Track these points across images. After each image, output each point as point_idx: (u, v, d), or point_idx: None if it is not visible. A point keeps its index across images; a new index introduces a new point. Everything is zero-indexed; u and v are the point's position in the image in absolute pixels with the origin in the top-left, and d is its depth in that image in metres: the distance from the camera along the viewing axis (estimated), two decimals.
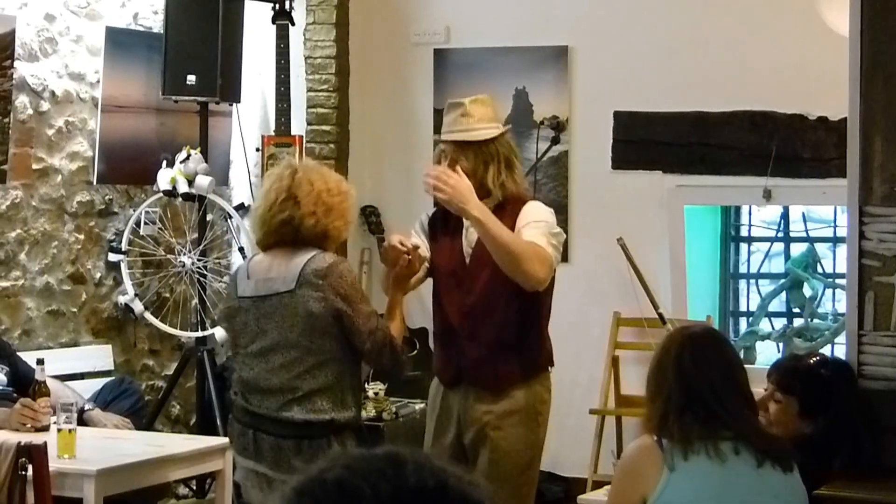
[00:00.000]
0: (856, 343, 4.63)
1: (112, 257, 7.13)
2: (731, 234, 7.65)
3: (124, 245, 7.12)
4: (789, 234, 7.65)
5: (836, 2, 5.90)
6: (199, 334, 7.19)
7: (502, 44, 7.50)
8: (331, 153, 7.69)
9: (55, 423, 5.09)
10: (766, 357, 7.18)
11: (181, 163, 7.11)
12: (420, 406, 6.76)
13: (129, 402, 6.26)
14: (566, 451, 7.17)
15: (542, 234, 4.52)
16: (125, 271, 7.12)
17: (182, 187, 7.07)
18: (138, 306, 7.13)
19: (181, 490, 7.10)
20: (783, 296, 7.54)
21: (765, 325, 7.51)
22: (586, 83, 7.36)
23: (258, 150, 7.51)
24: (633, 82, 7.23)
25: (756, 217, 7.66)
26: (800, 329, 7.36)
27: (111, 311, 7.18)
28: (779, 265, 7.64)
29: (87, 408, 5.83)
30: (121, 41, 7.14)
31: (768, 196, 6.91)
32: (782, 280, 7.52)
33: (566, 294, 7.22)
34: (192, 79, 7.10)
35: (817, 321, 7.36)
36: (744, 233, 7.72)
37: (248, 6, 7.39)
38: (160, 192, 7.15)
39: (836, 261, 7.37)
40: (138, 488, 5.22)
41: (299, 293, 4.35)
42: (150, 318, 7.20)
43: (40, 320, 6.79)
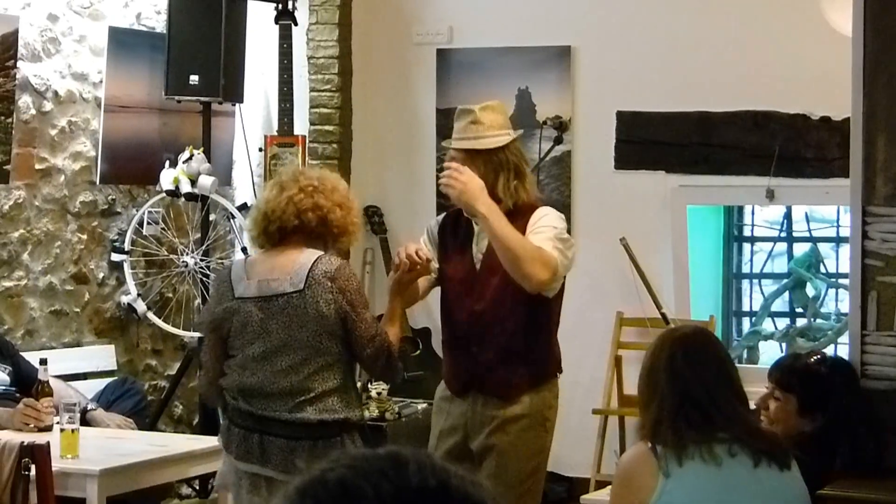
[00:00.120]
0: (859, 343, 4.62)
1: (115, 257, 7.14)
2: (734, 234, 7.65)
3: (127, 245, 7.13)
4: (792, 233, 7.64)
5: (839, 1, 5.90)
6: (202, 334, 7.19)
7: (505, 44, 7.50)
8: (333, 153, 7.69)
9: (58, 423, 5.09)
10: (769, 357, 7.16)
11: (184, 163, 7.11)
12: (423, 406, 6.75)
13: (132, 402, 6.26)
14: (569, 451, 7.15)
15: (548, 238, 4.51)
16: (128, 271, 7.13)
17: (185, 187, 7.07)
18: (141, 306, 7.13)
19: (184, 490, 7.10)
20: (786, 296, 7.54)
21: (768, 325, 7.51)
22: (589, 83, 7.35)
23: (261, 150, 7.52)
24: (635, 82, 7.23)
25: (759, 217, 7.66)
26: (803, 329, 7.35)
27: (114, 311, 7.18)
28: (782, 265, 7.64)
29: (89, 408, 5.83)
30: (124, 41, 7.14)
31: (771, 196, 6.91)
32: (785, 280, 7.52)
33: (569, 294, 7.19)
34: (195, 79, 7.10)
35: (820, 321, 7.35)
36: (747, 233, 7.72)
37: (251, 6, 7.39)
38: (163, 192, 7.15)
39: (839, 261, 7.37)
40: (141, 488, 5.22)
41: (309, 293, 4.33)
42: (153, 318, 7.20)
43: (43, 320, 6.79)
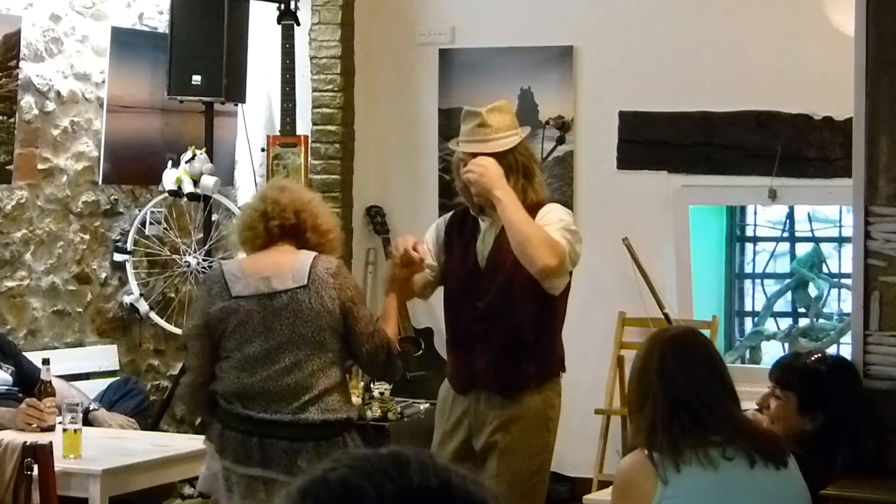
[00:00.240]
0: (861, 343, 4.62)
1: (117, 257, 7.14)
2: (736, 234, 7.64)
3: (129, 245, 7.13)
4: (795, 233, 7.64)
5: (842, 1, 5.90)
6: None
7: (507, 44, 7.49)
8: (336, 153, 7.69)
9: (61, 423, 5.10)
10: (772, 357, 7.13)
11: (186, 163, 7.11)
12: (425, 406, 6.75)
13: (135, 402, 6.26)
14: (571, 451, 7.15)
15: (556, 229, 4.52)
16: (130, 271, 7.13)
17: (187, 187, 7.08)
18: (143, 306, 7.14)
19: (186, 490, 7.09)
20: (789, 296, 7.54)
21: (770, 325, 7.50)
22: (591, 83, 7.35)
23: (263, 150, 7.52)
24: (638, 82, 7.23)
25: (761, 217, 7.65)
26: (805, 329, 7.35)
27: (116, 311, 7.18)
28: (784, 265, 7.63)
29: (92, 408, 5.83)
30: (126, 41, 7.14)
31: (773, 196, 6.91)
32: (788, 280, 7.52)
33: (571, 294, 7.19)
34: (197, 79, 7.11)
35: (823, 321, 7.35)
36: (749, 233, 7.72)
37: (254, 6, 7.40)
38: (165, 192, 7.16)
39: (842, 261, 7.37)
40: (143, 488, 5.22)
41: (313, 289, 4.34)
42: (156, 317, 7.20)
43: (46, 320, 6.79)
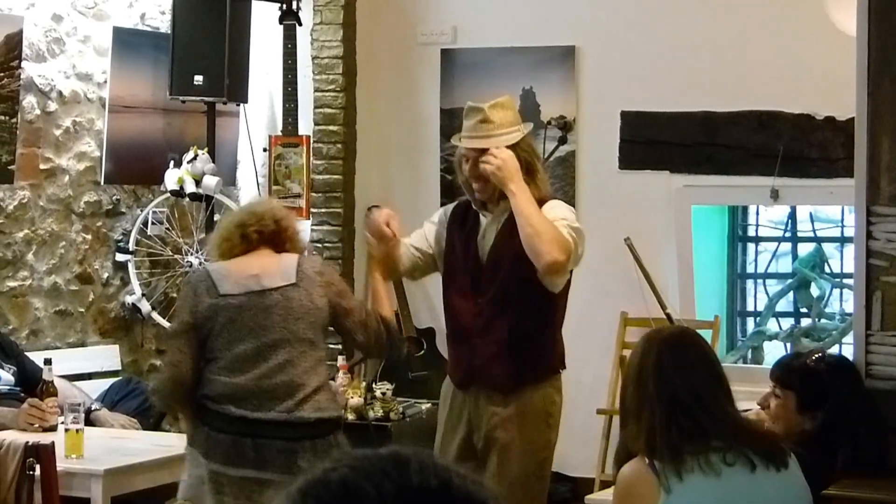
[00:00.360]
0: (863, 343, 4.62)
1: (119, 257, 7.14)
2: (738, 234, 7.64)
3: (132, 245, 7.13)
4: (797, 233, 7.64)
5: (844, 1, 5.89)
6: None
7: (509, 44, 7.49)
8: (338, 153, 7.69)
9: (63, 423, 5.10)
10: (774, 357, 7.12)
11: (188, 163, 7.11)
12: (427, 406, 6.75)
13: (137, 402, 6.26)
14: (573, 451, 7.15)
15: (561, 227, 4.53)
16: (132, 271, 7.13)
17: (189, 187, 7.08)
18: (146, 306, 7.14)
19: None
20: (790, 296, 7.53)
21: (772, 325, 7.50)
22: (593, 83, 7.35)
23: (265, 150, 7.52)
24: (640, 82, 7.22)
25: (763, 217, 7.65)
26: (807, 329, 7.35)
27: (118, 311, 7.19)
28: (786, 265, 7.63)
29: (94, 408, 5.83)
30: (128, 41, 7.14)
31: (776, 196, 6.90)
32: (790, 280, 7.52)
33: (573, 293, 7.19)
34: (199, 79, 7.11)
35: (825, 321, 7.35)
36: (751, 233, 7.72)
37: (256, 6, 7.40)
38: (167, 192, 7.16)
39: (844, 261, 7.36)
40: (145, 488, 5.22)
41: (302, 287, 4.38)
42: (158, 318, 7.20)
43: (48, 320, 6.80)
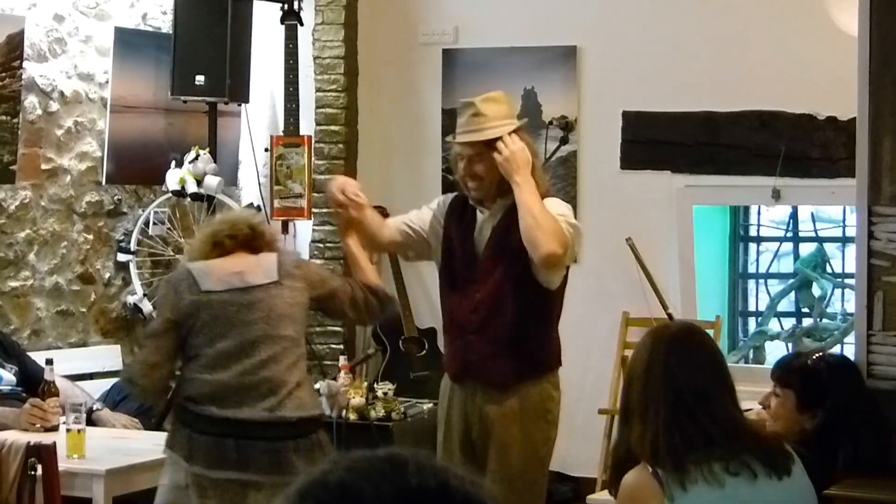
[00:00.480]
0: (865, 343, 4.63)
1: (121, 257, 7.14)
2: (740, 234, 7.64)
3: (133, 245, 7.13)
4: (798, 233, 7.63)
5: (845, 2, 5.89)
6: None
7: (511, 44, 7.49)
8: (339, 153, 7.69)
9: (64, 423, 5.10)
10: (775, 357, 7.13)
11: (190, 163, 7.11)
12: (428, 406, 6.75)
13: (138, 402, 6.26)
14: (575, 450, 7.16)
15: (560, 223, 4.53)
16: (134, 271, 7.13)
17: (191, 187, 7.08)
18: (147, 306, 7.13)
19: None
20: (792, 296, 7.53)
21: (774, 325, 7.50)
22: (595, 83, 7.35)
23: (267, 150, 7.52)
24: (641, 82, 7.22)
25: (765, 217, 7.65)
26: (809, 329, 7.35)
27: (120, 311, 7.19)
28: (788, 265, 7.63)
29: (95, 408, 5.83)
30: (130, 41, 7.14)
31: (777, 196, 6.90)
32: (791, 280, 7.51)
33: (575, 294, 7.20)
34: (200, 79, 7.11)
35: (826, 321, 7.35)
36: (753, 233, 7.71)
37: (257, 6, 7.40)
38: (169, 192, 7.16)
39: (846, 261, 7.36)
40: (147, 488, 5.22)
41: (285, 284, 4.41)
42: None
43: (49, 320, 6.80)
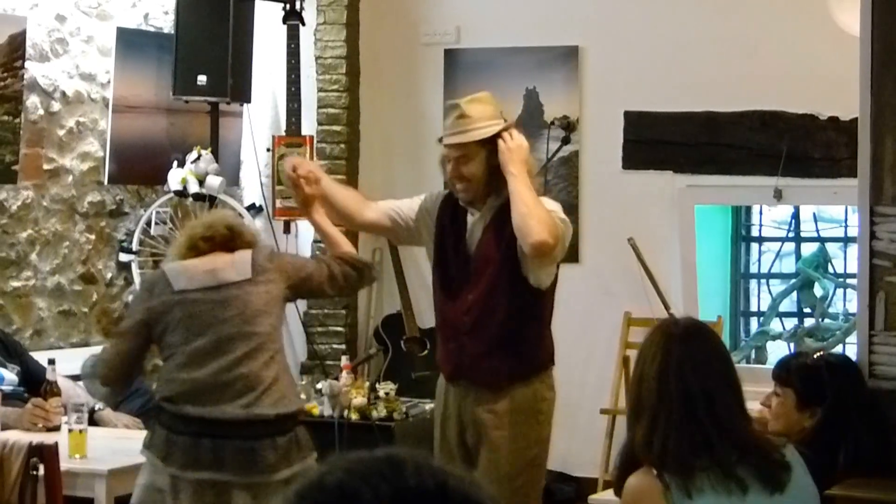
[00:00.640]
0: (867, 343, 4.63)
1: (123, 257, 7.15)
2: (741, 234, 7.64)
3: (135, 245, 7.14)
4: (800, 233, 7.63)
5: (847, 2, 5.89)
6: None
7: (513, 44, 7.49)
8: (341, 153, 7.69)
9: (66, 423, 5.10)
10: (777, 357, 7.15)
11: (192, 163, 7.12)
12: (430, 406, 6.74)
13: (140, 402, 6.25)
14: (577, 450, 7.16)
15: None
16: (136, 271, 7.14)
17: (193, 187, 7.08)
18: None
19: None
20: (794, 296, 7.53)
21: (776, 325, 7.50)
22: (597, 83, 7.35)
23: (269, 150, 7.52)
24: (643, 82, 7.22)
25: (767, 217, 7.65)
26: (811, 329, 7.35)
27: (122, 312, 7.18)
28: (790, 265, 7.63)
29: (97, 408, 5.83)
30: (131, 41, 7.15)
31: (779, 196, 6.90)
32: (793, 280, 7.51)
33: (577, 294, 7.24)
34: (202, 79, 7.11)
35: (828, 321, 7.35)
36: (754, 232, 7.71)
37: (259, 6, 7.40)
38: (171, 192, 7.16)
39: (847, 261, 7.35)
40: None
41: (260, 280, 4.40)
42: None
43: (51, 320, 6.80)
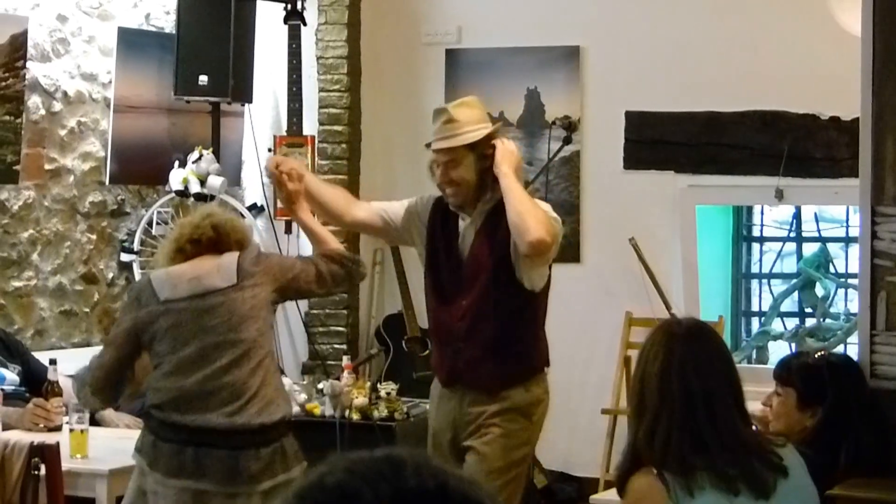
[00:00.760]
0: (868, 343, 4.63)
1: (124, 257, 7.15)
2: (743, 234, 7.64)
3: (136, 245, 7.14)
4: (801, 233, 7.63)
5: (848, 2, 5.89)
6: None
7: (514, 44, 7.49)
8: (343, 153, 7.69)
9: (67, 423, 5.10)
10: (779, 357, 7.15)
11: (193, 163, 7.12)
12: None
13: (141, 402, 6.22)
14: (578, 451, 7.17)
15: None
16: (137, 271, 7.14)
17: (194, 187, 7.09)
18: None
19: None
20: (795, 296, 7.53)
21: (777, 325, 7.50)
22: (598, 83, 7.35)
23: (270, 150, 7.52)
24: (644, 82, 7.22)
25: (768, 217, 7.65)
26: (812, 329, 7.35)
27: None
28: (791, 265, 7.63)
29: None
30: (133, 42, 7.15)
31: (780, 196, 6.90)
32: (794, 280, 7.51)
33: (578, 294, 7.25)
34: (204, 79, 7.11)
35: (829, 321, 7.34)
36: (756, 233, 7.71)
37: (260, 6, 7.40)
38: (172, 192, 7.16)
39: (849, 261, 7.35)
40: None
41: (246, 286, 4.34)
42: None
43: (53, 320, 6.80)
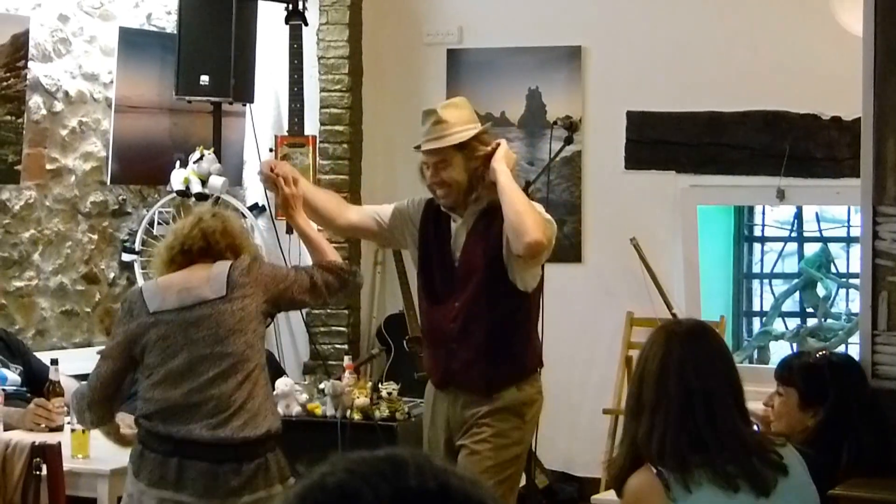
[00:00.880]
0: (869, 343, 4.63)
1: (125, 257, 7.15)
2: (744, 234, 7.64)
3: (138, 245, 7.14)
4: (803, 233, 7.63)
5: (850, 2, 5.89)
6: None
7: (515, 44, 7.49)
8: (344, 153, 7.69)
9: (69, 423, 5.10)
10: (780, 357, 7.15)
11: (194, 163, 7.12)
12: None
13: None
14: (579, 450, 7.17)
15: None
16: (139, 271, 7.14)
17: (195, 187, 7.09)
18: None
19: None
20: (797, 296, 7.53)
21: (778, 325, 7.50)
22: (599, 83, 7.35)
23: (271, 150, 7.52)
24: (646, 82, 7.22)
25: (769, 217, 7.65)
26: (813, 329, 7.35)
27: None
28: (792, 265, 7.63)
29: None
30: (134, 41, 7.15)
31: (781, 196, 6.90)
32: (796, 280, 7.52)
33: (579, 294, 7.25)
34: (205, 79, 7.11)
35: (831, 321, 7.35)
36: (757, 233, 7.72)
37: (262, 6, 7.40)
38: (173, 192, 7.16)
39: (850, 260, 7.36)
40: None
41: (236, 297, 4.26)
42: None
43: (54, 320, 6.81)
